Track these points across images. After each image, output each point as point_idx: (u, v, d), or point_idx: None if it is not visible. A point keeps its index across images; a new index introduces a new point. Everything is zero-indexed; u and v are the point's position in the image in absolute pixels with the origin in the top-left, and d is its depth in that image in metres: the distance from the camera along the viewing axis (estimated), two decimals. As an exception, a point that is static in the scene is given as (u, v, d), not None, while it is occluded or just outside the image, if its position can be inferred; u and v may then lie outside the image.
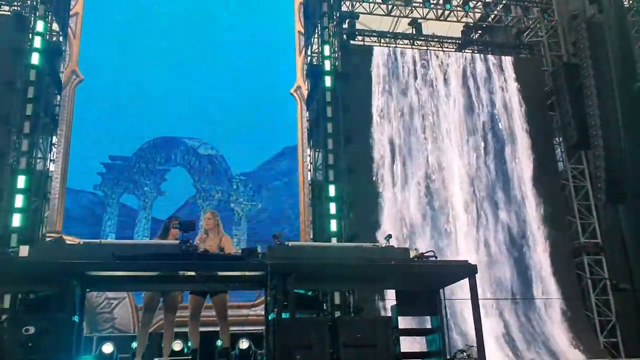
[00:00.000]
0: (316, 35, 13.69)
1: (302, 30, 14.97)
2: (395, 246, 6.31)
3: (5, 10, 12.78)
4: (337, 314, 10.66)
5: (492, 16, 16.38)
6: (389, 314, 9.39)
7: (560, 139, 14.81)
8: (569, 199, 14.25)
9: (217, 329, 7.24)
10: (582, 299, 13.38)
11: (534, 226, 13.72)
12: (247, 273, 5.93)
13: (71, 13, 13.56)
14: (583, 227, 13.97)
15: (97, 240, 5.66)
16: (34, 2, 12.20)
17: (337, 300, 11.03)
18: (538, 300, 13.09)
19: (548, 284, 13.23)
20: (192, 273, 5.69)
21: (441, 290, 6.54)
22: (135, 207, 13.09)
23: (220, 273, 5.86)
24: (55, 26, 12.57)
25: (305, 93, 14.27)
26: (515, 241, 13.50)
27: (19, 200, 10.83)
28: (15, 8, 12.64)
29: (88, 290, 6.15)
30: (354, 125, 12.95)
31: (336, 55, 13.36)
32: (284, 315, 5.67)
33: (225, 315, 7.03)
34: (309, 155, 13.77)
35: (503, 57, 15.26)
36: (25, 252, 5.30)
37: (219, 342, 7.83)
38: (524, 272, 13.26)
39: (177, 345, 8.83)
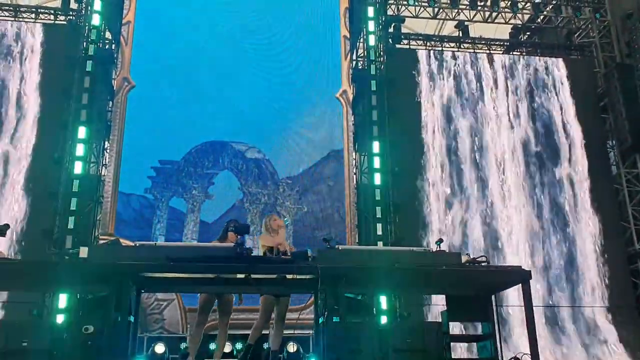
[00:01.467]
0: (362, 40, 13.69)
1: (348, 35, 14.99)
2: (447, 250, 6.23)
3: (61, 20, 13.27)
4: (384, 318, 10.60)
5: (542, 17, 16.00)
6: (435, 319, 9.31)
7: (614, 142, 14.36)
8: (623, 204, 13.80)
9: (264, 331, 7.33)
10: (638, 307, 12.93)
11: (585, 231, 13.34)
12: (297, 276, 5.96)
13: (123, 22, 13.97)
14: (638, 233, 13.50)
15: (152, 243, 5.80)
16: (89, 12, 12.61)
17: (383, 305, 10.97)
18: (590, 307, 12.71)
19: (601, 291, 12.84)
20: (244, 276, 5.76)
21: (493, 296, 6.43)
22: (184, 210, 13.36)
23: (272, 276, 5.91)
24: (108, 34, 12.96)
25: (351, 97, 14.27)
26: (566, 246, 13.15)
27: (73, 204, 11.22)
28: (71, 17, 13.12)
29: (143, 291, 6.29)
30: (400, 129, 12.88)
31: (382, 59, 13.31)
32: (334, 319, 5.68)
33: (284, 317, 7.12)
34: (355, 159, 13.73)
35: (553, 58, 14.92)
36: (84, 253, 5.47)
37: (265, 345, 7.90)
38: (576, 279, 12.90)
39: (227, 347, 8.95)
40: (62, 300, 9.85)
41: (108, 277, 5.44)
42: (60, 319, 9.19)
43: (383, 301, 10.86)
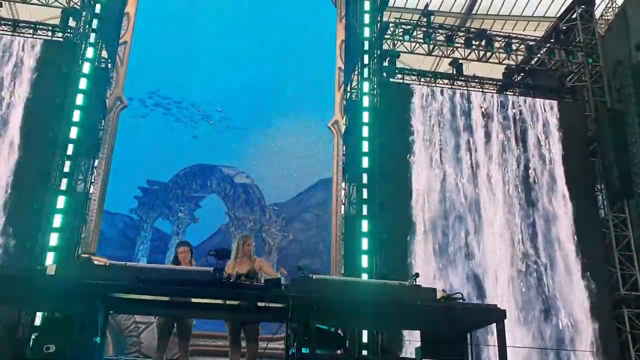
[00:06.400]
0: (356, 72, 13.79)
1: (343, 67, 15.14)
2: (423, 285, 6.15)
3: (58, 37, 13.34)
4: (365, 352, 10.44)
5: (535, 59, 16.20)
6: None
7: (602, 185, 14.38)
8: (610, 248, 13.73)
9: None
10: (622, 354, 12.76)
11: (571, 275, 13.24)
12: (270, 304, 5.88)
13: (120, 41, 14.08)
14: (624, 278, 13.40)
15: (123, 263, 5.72)
16: (86, 30, 12.70)
17: (364, 339, 10.81)
18: (574, 352, 12.55)
19: (585, 336, 12.69)
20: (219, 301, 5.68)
21: (469, 335, 6.34)
22: (168, 232, 13.27)
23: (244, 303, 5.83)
24: (104, 53, 13.03)
25: (343, 127, 14.34)
26: (551, 289, 13.04)
27: (57, 220, 11.08)
28: (68, 35, 13.19)
29: (112, 312, 6.18)
30: (389, 162, 12.87)
31: (375, 92, 13.39)
32: (304, 350, 5.58)
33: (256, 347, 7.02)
34: (344, 189, 13.71)
35: (545, 100, 15.04)
36: (52, 271, 5.39)
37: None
38: (559, 323, 12.76)
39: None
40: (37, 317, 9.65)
41: (75, 295, 5.35)
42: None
43: (364, 335, 10.73)
